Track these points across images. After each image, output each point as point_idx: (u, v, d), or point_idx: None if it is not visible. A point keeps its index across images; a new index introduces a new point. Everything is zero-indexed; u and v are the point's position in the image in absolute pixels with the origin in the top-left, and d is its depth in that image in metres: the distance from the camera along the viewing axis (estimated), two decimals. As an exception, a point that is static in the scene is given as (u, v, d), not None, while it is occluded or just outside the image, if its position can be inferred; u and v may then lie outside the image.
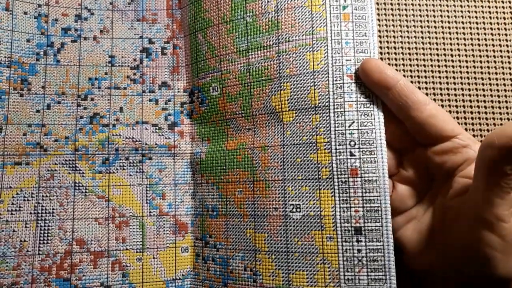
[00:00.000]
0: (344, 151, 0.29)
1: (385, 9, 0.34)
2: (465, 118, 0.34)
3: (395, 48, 0.34)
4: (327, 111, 0.29)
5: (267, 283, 0.30)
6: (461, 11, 0.35)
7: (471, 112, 0.34)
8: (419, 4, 0.34)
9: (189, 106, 0.35)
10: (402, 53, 0.34)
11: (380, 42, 0.34)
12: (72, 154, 0.34)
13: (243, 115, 0.32)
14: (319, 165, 0.29)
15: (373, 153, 0.28)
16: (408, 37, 0.34)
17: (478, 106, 0.34)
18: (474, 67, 0.34)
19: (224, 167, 0.32)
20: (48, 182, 0.33)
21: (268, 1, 0.32)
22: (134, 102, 0.35)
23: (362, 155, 0.28)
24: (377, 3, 0.34)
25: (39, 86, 0.34)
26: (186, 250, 0.33)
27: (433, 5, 0.34)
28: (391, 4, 0.34)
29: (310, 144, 0.30)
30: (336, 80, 0.29)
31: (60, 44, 0.35)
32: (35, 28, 0.35)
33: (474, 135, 0.33)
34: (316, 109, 0.30)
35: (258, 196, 0.31)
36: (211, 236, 0.32)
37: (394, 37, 0.34)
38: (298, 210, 0.30)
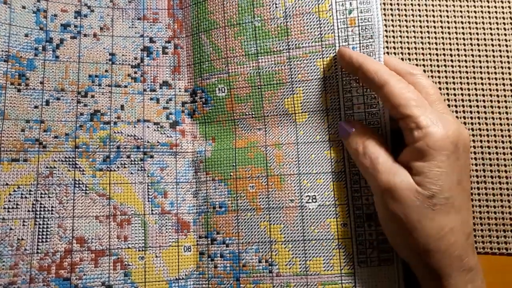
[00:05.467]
0: None
1: (385, 9, 0.41)
2: (464, 118, 0.40)
3: (395, 48, 0.40)
4: (338, 113, 0.37)
5: (284, 272, 0.36)
6: (461, 11, 0.41)
7: (471, 112, 0.40)
8: (419, 4, 0.41)
9: (191, 106, 0.40)
10: (402, 53, 0.40)
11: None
12: (72, 151, 0.37)
13: (253, 115, 0.38)
14: (332, 160, 0.37)
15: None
16: (408, 37, 0.41)
17: (477, 106, 0.40)
18: (474, 67, 0.40)
19: (234, 164, 0.38)
20: (47, 179, 0.36)
21: (276, 7, 0.38)
22: (135, 100, 0.39)
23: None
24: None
25: (37, 81, 0.38)
26: (189, 249, 0.37)
27: (433, 5, 0.41)
28: (391, 4, 0.41)
29: (324, 142, 0.37)
30: (345, 85, 0.37)
31: (59, 40, 0.39)
32: (34, 23, 0.39)
33: (473, 135, 0.40)
34: (328, 111, 0.37)
35: (273, 189, 0.37)
36: (218, 233, 0.37)
37: (394, 37, 0.40)
38: (314, 200, 0.36)
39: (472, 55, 0.41)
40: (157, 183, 0.38)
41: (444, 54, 0.40)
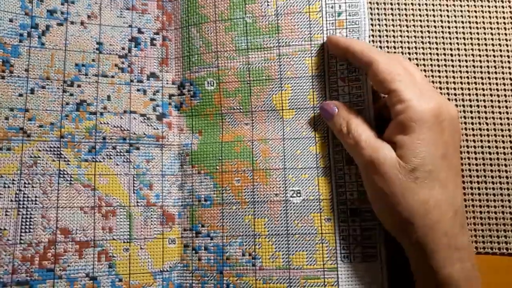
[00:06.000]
0: (339, 143, 0.37)
1: (385, 8, 0.41)
2: (465, 117, 0.40)
3: (395, 48, 0.41)
4: None
5: (267, 265, 0.36)
6: (461, 11, 0.42)
7: (471, 112, 0.40)
8: (419, 4, 0.42)
9: (178, 98, 0.40)
10: (402, 52, 0.41)
11: (380, 42, 0.41)
12: (57, 141, 0.37)
13: (241, 110, 0.39)
14: (317, 156, 0.38)
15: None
16: (408, 36, 0.41)
17: (478, 106, 0.40)
18: (474, 66, 0.41)
19: (220, 158, 0.38)
20: (30, 169, 0.36)
21: (268, 5, 0.39)
22: (122, 91, 0.39)
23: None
24: (377, 3, 0.41)
25: (22, 69, 0.37)
26: (173, 242, 0.38)
27: (433, 4, 0.42)
28: (391, 4, 0.42)
29: (309, 138, 0.38)
30: (331, 85, 0.38)
31: (45, 26, 0.38)
32: (19, 7, 0.38)
33: (474, 134, 0.40)
34: (315, 108, 0.38)
35: (258, 183, 0.38)
36: (203, 226, 0.37)
37: (394, 36, 0.41)
38: (298, 195, 0.37)
39: (472, 55, 0.41)
40: (143, 175, 0.39)
41: (444, 54, 0.41)
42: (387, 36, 0.41)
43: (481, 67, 0.41)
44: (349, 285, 0.36)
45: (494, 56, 0.41)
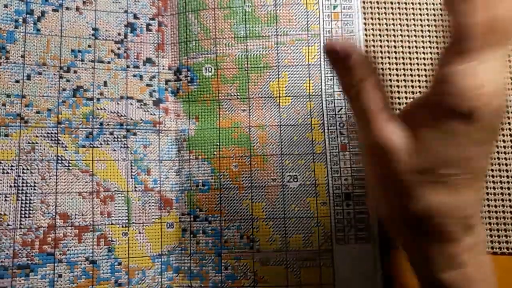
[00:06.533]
0: (334, 130, 0.39)
1: (385, 7, 0.41)
2: None
3: (395, 47, 0.41)
4: (320, 99, 0.40)
5: (265, 248, 0.38)
6: None
7: None
8: (419, 3, 0.42)
9: (174, 84, 0.40)
10: (403, 52, 0.41)
11: (380, 41, 0.41)
12: (55, 126, 0.37)
13: (238, 97, 0.40)
14: (313, 142, 0.39)
15: (357, 132, 0.38)
16: (408, 35, 0.41)
17: None
18: None
19: (218, 144, 0.39)
20: (29, 155, 0.37)
21: None
22: (118, 76, 0.39)
23: (349, 134, 0.39)
24: (377, 2, 0.42)
25: (18, 55, 0.37)
26: (172, 226, 0.39)
27: (433, 3, 0.42)
28: (391, 2, 0.41)
29: (306, 125, 0.39)
30: (327, 73, 0.39)
31: (40, 12, 0.38)
32: (14, -7, 0.38)
33: None
34: (311, 97, 0.40)
35: (256, 169, 0.39)
36: (201, 210, 0.38)
37: (394, 36, 0.41)
38: (295, 180, 0.38)
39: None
40: (140, 160, 0.39)
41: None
42: (387, 35, 0.41)
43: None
44: (343, 266, 0.37)
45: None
